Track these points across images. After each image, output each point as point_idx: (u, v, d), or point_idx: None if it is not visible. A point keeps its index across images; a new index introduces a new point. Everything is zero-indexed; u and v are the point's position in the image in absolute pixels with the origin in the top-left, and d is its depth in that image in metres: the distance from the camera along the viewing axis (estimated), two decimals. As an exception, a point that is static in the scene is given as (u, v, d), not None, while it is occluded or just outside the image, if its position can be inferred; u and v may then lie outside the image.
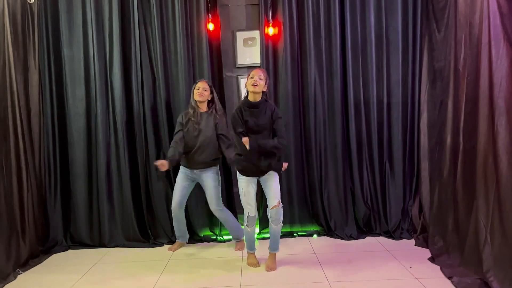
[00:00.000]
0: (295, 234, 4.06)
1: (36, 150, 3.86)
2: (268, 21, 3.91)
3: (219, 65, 4.07)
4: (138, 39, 3.91)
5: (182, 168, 3.66)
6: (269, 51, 3.97)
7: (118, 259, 3.67)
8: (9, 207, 3.39)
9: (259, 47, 4.04)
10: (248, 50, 4.15)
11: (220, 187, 3.69)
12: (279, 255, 3.41)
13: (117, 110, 3.93)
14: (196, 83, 3.59)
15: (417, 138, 3.93)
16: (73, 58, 3.92)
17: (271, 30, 3.93)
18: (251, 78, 3.03)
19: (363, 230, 4.00)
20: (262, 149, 3.05)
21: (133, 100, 3.96)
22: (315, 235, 4.04)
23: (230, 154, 3.46)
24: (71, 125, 3.94)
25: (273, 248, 3.30)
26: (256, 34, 4.10)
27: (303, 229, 4.10)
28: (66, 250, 3.94)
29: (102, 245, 3.98)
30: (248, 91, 3.10)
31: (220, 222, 4.00)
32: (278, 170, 3.24)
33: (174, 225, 3.77)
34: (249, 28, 4.15)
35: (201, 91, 3.55)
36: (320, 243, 3.87)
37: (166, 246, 3.93)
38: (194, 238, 4.02)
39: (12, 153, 3.46)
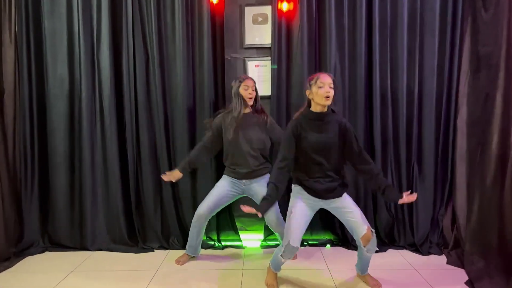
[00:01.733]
0: (305, 243, 3.60)
1: (9, 136, 3.42)
2: (282, -6, 3.42)
3: (221, 45, 3.59)
4: (131, 13, 3.44)
5: (227, 177, 3.18)
6: (282, 30, 3.48)
7: (100, 266, 3.24)
8: (-28, 203, 2.93)
9: (270, 25, 3.56)
10: (258, 28, 3.66)
11: None
12: (282, 268, 2.92)
13: (105, 94, 3.48)
14: (241, 81, 3.08)
15: (453, 137, 3.45)
16: (55, 32, 3.46)
17: (285, 6, 3.46)
18: (321, 87, 2.48)
19: (385, 241, 3.53)
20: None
21: (123, 83, 3.50)
22: (328, 245, 3.58)
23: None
24: (51, 108, 3.50)
25: (365, 271, 2.88)
26: (267, 9, 3.61)
27: (315, 238, 3.65)
28: (43, 252, 3.52)
29: (83, 247, 3.55)
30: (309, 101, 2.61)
31: (218, 226, 3.60)
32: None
33: (191, 233, 3.23)
34: (259, 2, 3.65)
35: (251, 92, 3.07)
36: (334, 255, 3.40)
37: (156, 252, 3.50)
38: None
39: (-21, 139, 3.01)
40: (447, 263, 3.20)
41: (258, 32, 3.66)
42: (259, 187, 3.06)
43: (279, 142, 2.88)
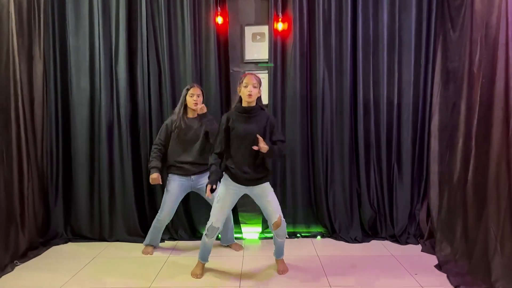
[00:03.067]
0: (298, 235, 3.98)
1: (38, 140, 3.81)
2: (277, 16, 3.82)
3: (226, 60, 4.00)
4: (145, 32, 3.84)
5: (175, 176, 3.51)
6: (278, 47, 3.88)
7: (116, 255, 3.61)
8: (8, 197, 3.35)
9: (267, 43, 3.95)
10: (256, 45, 4.06)
11: None
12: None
13: (121, 103, 3.87)
14: (188, 89, 3.42)
15: (427, 140, 3.83)
16: (79, 48, 3.87)
17: (280, 26, 3.84)
18: (245, 87, 2.81)
19: (368, 233, 3.91)
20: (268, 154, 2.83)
21: (137, 93, 3.90)
22: (319, 237, 3.95)
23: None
24: (74, 115, 3.90)
25: (279, 255, 3.20)
26: (265, 29, 4.01)
27: (307, 230, 4.02)
28: (66, 242, 3.89)
29: (102, 238, 3.92)
30: (239, 97, 2.93)
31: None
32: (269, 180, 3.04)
33: (151, 233, 3.62)
34: (258, 22, 4.07)
35: (196, 99, 3.40)
36: (323, 245, 3.79)
37: (167, 242, 3.88)
38: (195, 235, 3.96)
39: (14, 142, 3.42)
40: (421, 251, 3.58)
41: (257, 48, 4.05)
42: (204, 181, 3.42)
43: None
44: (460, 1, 3.41)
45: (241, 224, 4.05)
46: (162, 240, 3.90)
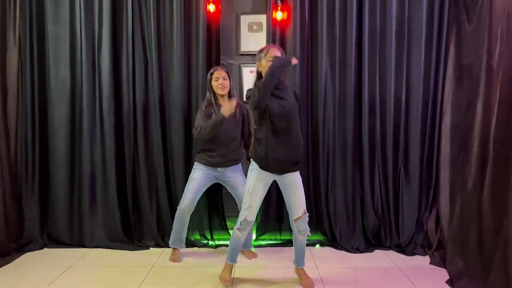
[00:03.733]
0: None
1: (11, 136, 3.49)
2: (276, 4, 3.56)
3: (217, 51, 3.70)
4: (131, 19, 3.55)
5: (201, 165, 3.25)
6: (276, 38, 3.62)
7: (96, 262, 3.33)
8: (-25, 199, 3.04)
9: (265, 33, 3.70)
10: (253, 36, 3.80)
11: None
12: (275, 267, 3.06)
13: (104, 96, 3.58)
14: (212, 73, 3.18)
15: (438, 142, 3.56)
16: (58, 36, 3.58)
17: (279, 15, 3.57)
18: (269, 61, 2.59)
19: (372, 242, 3.65)
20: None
21: (122, 86, 3.62)
22: (318, 245, 3.69)
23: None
24: (52, 110, 3.60)
25: (302, 262, 2.93)
26: (262, 18, 3.75)
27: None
28: (42, 248, 3.60)
29: (81, 244, 3.64)
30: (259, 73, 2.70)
31: (211, 225, 3.72)
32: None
33: (175, 228, 3.33)
34: (255, 11, 3.80)
35: (221, 82, 3.14)
36: (323, 254, 3.51)
37: (152, 250, 3.59)
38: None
39: (-17, 139, 3.11)
40: (430, 263, 3.31)
41: (253, 39, 3.79)
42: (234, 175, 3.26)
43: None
44: (477, -11, 3.12)
45: (229, 230, 3.76)
46: (147, 247, 3.62)
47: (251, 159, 2.77)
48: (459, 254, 3.08)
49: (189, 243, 3.64)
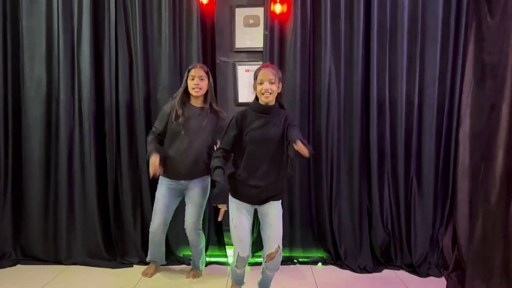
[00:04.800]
0: (295, 261, 3.47)
1: (-20, 141, 3.26)
2: (275, -5, 3.35)
3: (212, 48, 3.50)
4: (114, 11, 3.34)
5: (164, 180, 3.03)
6: (275, 33, 3.42)
7: (74, 281, 3.09)
8: None
9: (262, 28, 3.48)
10: (249, 31, 3.57)
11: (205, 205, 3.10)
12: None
13: (84, 96, 3.37)
14: (190, 69, 2.94)
15: (455, 150, 3.34)
16: (33, 30, 3.36)
17: (278, 7, 3.38)
18: (260, 84, 2.42)
19: (380, 261, 3.42)
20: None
21: (104, 85, 3.40)
22: (320, 264, 3.44)
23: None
24: (26, 111, 3.39)
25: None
26: (259, 11, 3.53)
27: (306, 255, 3.52)
28: (14, 265, 3.36)
29: (57, 261, 3.40)
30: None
31: (208, 240, 3.47)
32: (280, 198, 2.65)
33: (151, 248, 3.15)
34: (251, 4, 3.58)
35: (197, 82, 2.87)
36: (325, 274, 3.26)
37: (136, 267, 3.34)
38: (171, 259, 3.42)
39: None
40: (447, 287, 3.06)
41: (249, 35, 3.58)
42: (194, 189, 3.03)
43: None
44: (502, -22, 2.87)
45: (226, 246, 3.51)
46: (131, 264, 3.37)
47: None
48: (481, 277, 2.80)
49: (177, 260, 3.43)
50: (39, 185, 3.39)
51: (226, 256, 3.46)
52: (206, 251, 3.45)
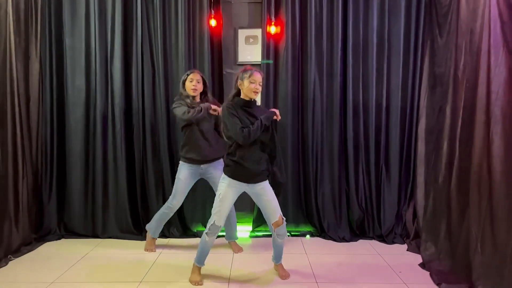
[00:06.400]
0: (288, 234, 4.00)
1: (33, 138, 3.86)
2: (270, 19, 3.90)
3: (219, 62, 4.07)
4: (140, 33, 3.90)
5: (185, 165, 3.42)
6: (270, 49, 3.96)
7: (107, 253, 3.64)
8: (3, 193, 3.41)
9: (260, 45, 4.03)
10: (249, 48, 4.14)
11: None
12: (270, 254, 3.40)
13: (116, 102, 3.92)
14: (188, 74, 3.36)
15: (415, 143, 3.90)
16: (75, 48, 3.93)
17: (273, 29, 3.91)
18: (252, 83, 2.76)
19: (356, 233, 3.98)
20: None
21: (132, 93, 3.96)
22: (308, 236, 4.02)
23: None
24: (69, 114, 3.95)
25: (279, 259, 3.15)
26: (258, 32, 4.09)
27: (297, 229, 4.09)
28: (59, 239, 3.94)
29: (95, 235, 3.97)
30: (238, 90, 2.85)
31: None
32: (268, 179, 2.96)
33: (156, 220, 3.58)
34: (251, 26, 4.14)
35: (195, 84, 3.33)
36: (312, 244, 3.86)
37: (158, 240, 3.84)
38: (187, 233, 4.02)
39: (9, 139, 3.48)
40: (407, 250, 3.67)
41: (250, 51, 4.13)
42: (215, 170, 3.40)
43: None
44: (447, 8, 3.50)
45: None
46: None
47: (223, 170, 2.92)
48: (431, 240, 3.45)
49: (192, 234, 4.00)
50: (79, 174, 3.95)
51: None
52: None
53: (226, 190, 2.85)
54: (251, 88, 2.76)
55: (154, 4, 3.90)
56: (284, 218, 2.96)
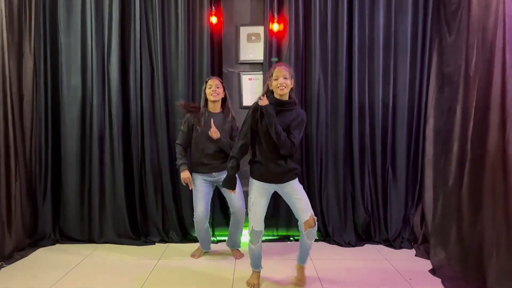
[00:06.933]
0: (291, 238, 3.95)
1: (27, 138, 3.73)
2: (273, 16, 3.79)
3: (219, 60, 3.95)
4: (138, 30, 3.78)
5: (197, 175, 3.36)
6: (273, 48, 3.85)
7: (105, 257, 3.54)
8: (-6, 196, 3.27)
9: (262, 43, 3.92)
10: (251, 46, 4.02)
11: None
12: (274, 259, 3.29)
13: (113, 102, 3.80)
14: (206, 81, 3.35)
15: (422, 144, 3.80)
16: (70, 46, 3.81)
17: (275, 26, 3.80)
18: (276, 80, 2.66)
19: (362, 237, 3.88)
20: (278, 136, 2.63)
21: (130, 93, 3.84)
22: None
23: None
24: (64, 114, 3.83)
25: (304, 260, 2.99)
26: (260, 29, 3.97)
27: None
28: (54, 244, 3.82)
29: (91, 240, 3.85)
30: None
31: (213, 222, 3.88)
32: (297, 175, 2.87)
33: (198, 236, 3.46)
34: (253, 23, 4.03)
35: (214, 89, 3.28)
36: (317, 248, 3.70)
37: (157, 245, 3.81)
38: (186, 238, 3.91)
39: (1, 139, 3.35)
40: (415, 256, 3.55)
41: (252, 49, 4.01)
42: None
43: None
44: (457, 5, 3.40)
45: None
46: (153, 243, 3.85)
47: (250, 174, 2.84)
48: (441, 245, 3.34)
49: (191, 239, 3.88)
50: (75, 176, 3.82)
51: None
52: (213, 232, 3.93)
53: (255, 193, 2.79)
54: (275, 85, 2.67)
55: (153, 1, 3.79)
56: (316, 218, 2.82)
